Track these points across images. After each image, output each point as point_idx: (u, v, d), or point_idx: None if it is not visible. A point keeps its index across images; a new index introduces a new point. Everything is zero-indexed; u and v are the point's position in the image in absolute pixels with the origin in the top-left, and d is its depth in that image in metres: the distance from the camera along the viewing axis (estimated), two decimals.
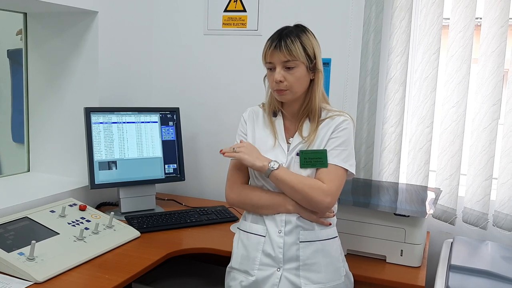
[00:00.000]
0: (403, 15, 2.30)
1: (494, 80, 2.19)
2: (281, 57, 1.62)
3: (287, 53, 1.62)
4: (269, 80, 1.69)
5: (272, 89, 1.70)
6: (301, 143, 1.69)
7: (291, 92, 1.65)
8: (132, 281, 1.76)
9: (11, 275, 1.66)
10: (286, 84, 1.64)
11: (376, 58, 2.36)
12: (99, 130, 2.34)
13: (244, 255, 1.72)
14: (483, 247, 2.08)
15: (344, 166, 1.67)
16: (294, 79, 1.64)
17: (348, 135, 1.69)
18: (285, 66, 1.63)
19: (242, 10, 2.62)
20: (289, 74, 1.63)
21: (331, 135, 1.68)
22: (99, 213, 2.19)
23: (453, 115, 2.28)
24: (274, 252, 1.66)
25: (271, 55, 1.64)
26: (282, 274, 1.65)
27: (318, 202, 1.62)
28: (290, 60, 1.62)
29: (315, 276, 1.66)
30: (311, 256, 1.66)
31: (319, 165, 1.66)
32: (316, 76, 1.68)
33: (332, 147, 1.67)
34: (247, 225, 1.74)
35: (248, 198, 1.73)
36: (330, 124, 1.69)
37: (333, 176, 1.65)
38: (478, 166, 2.25)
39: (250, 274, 1.69)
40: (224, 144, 2.61)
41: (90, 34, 2.43)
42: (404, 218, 1.94)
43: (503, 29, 2.15)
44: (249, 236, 1.72)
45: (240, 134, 1.80)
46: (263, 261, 1.68)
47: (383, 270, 1.93)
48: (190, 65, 2.76)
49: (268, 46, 1.66)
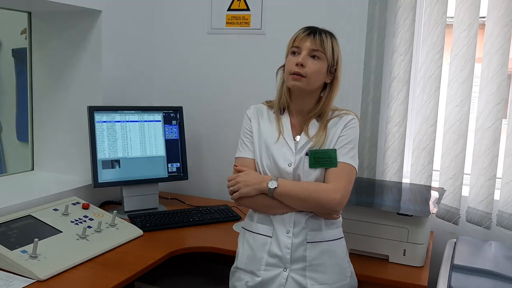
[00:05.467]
0: (407, 14, 2.29)
1: (498, 79, 2.17)
2: (312, 44, 1.64)
3: (319, 43, 1.64)
4: (289, 63, 1.67)
5: (288, 73, 1.66)
6: (308, 142, 1.68)
7: (307, 81, 1.64)
8: (134, 279, 1.76)
9: (14, 272, 1.67)
10: (306, 71, 1.63)
11: (380, 57, 2.35)
12: (102, 129, 2.34)
13: (250, 255, 1.71)
14: (486, 247, 2.07)
15: (352, 164, 1.67)
16: (315, 69, 1.64)
17: (356, 134, 1.71)
18: (311, 54, 1.64)
19: (245, 9, 2.62)
20: (312, 63, 1.64)
21: (341, 133, 1.68)
22: (102, 211, 2.19)
23: (457, 114, 2.27)
24: (281, 252, 1.65)
25: (301, 40, 1.65)
26: (289, 275, 1.65)
27: (329, 202, 1.61)
28: (318, 50, 1.64)
29: (321, 276, 1.65)
30: (318, 256, 1.66)
31: (328, 165, 1.65)
32: (335, 82, 1.71)
33: (341, 145, 1.67)
34: (253, 225, 1.73)
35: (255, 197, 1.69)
36: (338, 123, 1.70)
37: (341, 174, 1.65)
38: (482, 165, 2.24)
39: (256, 275, 1.68)
40: (227, 144, 2.65)
41: (93, 33, 2.44)
42: (407, 218, 1.93)
43: (507, 28, 2.14)
44: (255, 237, 1.71)
45: (245, 131, 1.78)
46: (269, 261, 1.67)
47: (386, 269, 1.93)
48: (193, 64, 2.76)
49: (302, 32, 1.67)
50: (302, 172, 1.66)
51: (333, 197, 1.60)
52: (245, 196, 1.68)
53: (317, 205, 1.63)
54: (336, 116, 1.72)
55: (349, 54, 2.36)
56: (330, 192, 1.61)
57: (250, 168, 1.72)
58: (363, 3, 2.35)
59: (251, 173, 1.70)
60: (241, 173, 1.71)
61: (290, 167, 1.67)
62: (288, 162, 1.67)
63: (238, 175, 1.71)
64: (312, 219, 1.66)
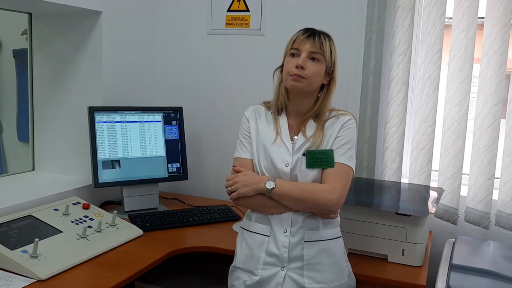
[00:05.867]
0: (406, 14, 2.30)
1: (497, 80, 2.18)
2: (311, 47, 1.65)
3: (318, 45, 1.66)
4: (288, 65, 1.68)
5: (287, 74, 1.67)
6: (306, 143, 1.69)
7: (307, 82, 1.66)
8: (134, 279, 1.77)
9: (14, 272, 1.68)
10: (306, 73, 1.64)
11: (379, 57, 2.36)
12: (102, 129, 2.35)
13: (248, 254, 1.72)
14: (485, 246, 2.08)
15: (349, 164, 1.68)
16: (314, 71, 1.66)
17: (353, 135, 1.72)
18: (311, 56, 1.66)
19: (245, 10, 2.63)
20: (312, 65, 1.66)
21: (338, 133, 1.70)
22: (102, 211, 2.20)
23: (455, 115, 2.27)
24: (279, 251, 1.66)
25: (301, 42, 1.66)
26: (286, 274, 1.66)
27: (326, 203, 1.62)
28: (318, 53, 1.66)
29: (318, 275, 1.66)
30: (315, 255, 1.67)
31: (325, 165, 1.66)
32: (332, 83, 1.73)
33: (338, 145, 1.69)
34: (251, 224, 1.74)
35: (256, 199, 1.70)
36: (335, 124, 1.71)
37: (338, 174, 1.66)
38: (481, 165, 2.24)
39: (254, 274, 1.69)
40: (226, 144, 2.66)
41: (94, 34, 2.45)
42: (405, 218, 1.94)
43: (506, 28, 2.14)
44: (253, 236, 1.72)
45: (243, 132, 1.79)
46: (267, 260, 1.68)
47: (385, 269, 1.93)
48: (193, 65, 2.77)
49: (301, 34, 1.68)
50: (299, 172, 1.67)
51: (330, 198, 1.61)
52: (243, 196, 1.69)
53: (314, 206, 1.64)
54: (333, 116, 1.73)
55: (348, 54, 2.39)
56: (327, 193, 1.62)
57: (248, 169, 1.74)
58: (362, 4, 2.36)
59: (249, 173, 1.71)
60: (239, 173, 1.72)
61: (288, 167, 1.68)
62: (285, 163, 1.68)
63: (236, 175, 1.72)
64: (309, 218, 1.67)
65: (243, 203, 1.73)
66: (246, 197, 1.69)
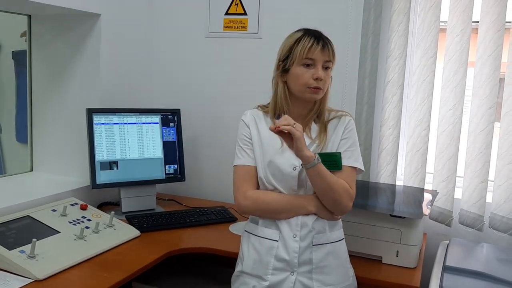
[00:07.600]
0: (401, 18, 2.32)
1: (491, 84, 2.20)
2: (325, 56, 1.65)
3: (331, 54, 1.66)
4: (304, 77, 1.64)
5: (304, 86, 1.64)
6: (311, 145, 1.68)
7: (323, 91, 1.67)
8: (131, 279, 1.79)
9: (12, 272, 1.69)
10: (323, 84, 1.65)
11: (375, 61, 2.38)
12: (100, 130, 2.37)
13: (256, 259, 1.69)
14: (478, 248, 2.10)
15: (358, 166, 1.71)
16: (328, 79, 1.68)
17: (355, 135, 1.75)
18: (325, 66, 1.66)
19: (243, 13, 2.65)
20: (326, 74, 1.66)
21: (342, 136, 1.71)
22: (100, 212, 2.22)
23: (450, 118, 2.30)
24: (289, 256, 1.65)
25: (317, 53, 1.63)
26: (296, 278, 1.65)
27: (346, 207, 1.66)
28: (330, 61, 1.66)
29: (327, 278, 1.67)
30: (323, 258, 1.67)
31: (333, 168, 1.65)
32: (330, 82, 1.73)
33: (344, 148, 1.70)
34: (258, 228, 1.71)
35: (264, 203, 1.68)
36: (338, 125, 1.73)
37: (351, 179, 1.69)
38: (475, 168, 2.26)
39: (263, 279, 1.67)
40: (223, 147, 2.68)
41: (92, 36, 2.47)
42: (400, 220, 1.96)
43: (500, 33, 2.17)
44: (261, 241, 1.69)
45: (243, 138, 1.75)
46: (276, 265, 1.66)
47: (379, 270, 1.95)
48: (191, 67, 2.79)
49: (312, 43, 1.63)
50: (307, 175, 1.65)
51: (349, 203, 1.66)
52: (250, 201, 1.68)
53: (336, 202, 1.64)
54: (334, 117, 1.74)
55: (344, 58, 2.40)
56: (349, 197, 1.65)
57: (252, 176, 1.71)
58: (358, 9, 2.38)
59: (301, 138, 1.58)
60: None
61: (295, 171, 1.66)
62: (292, 166, 1.66)
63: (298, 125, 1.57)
64: (318, 221, 1.67)
65: (255, 206, 1.69)
66: (258, 200, 1.68)
